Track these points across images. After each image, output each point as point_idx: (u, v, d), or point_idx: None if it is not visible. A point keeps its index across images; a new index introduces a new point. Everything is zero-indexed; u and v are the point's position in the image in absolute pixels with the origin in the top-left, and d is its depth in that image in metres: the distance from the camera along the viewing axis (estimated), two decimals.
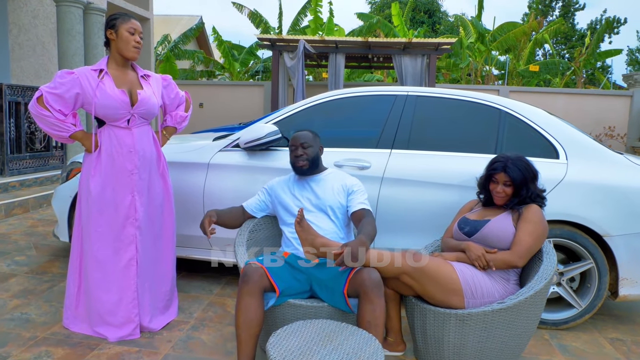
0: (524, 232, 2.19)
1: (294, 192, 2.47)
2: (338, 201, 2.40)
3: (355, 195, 2.41)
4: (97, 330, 2.45)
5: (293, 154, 2.46)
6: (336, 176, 2.50)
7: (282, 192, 2.50)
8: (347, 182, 2.46)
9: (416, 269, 2.09)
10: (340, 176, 2.51)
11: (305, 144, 2.44)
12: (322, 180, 2.47)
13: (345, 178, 2.49)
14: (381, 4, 26.42)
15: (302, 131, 2.51)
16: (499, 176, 2.32)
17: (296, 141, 2.46)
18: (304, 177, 2.48)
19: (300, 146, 2.44)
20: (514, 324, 2.06)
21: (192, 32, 15.35)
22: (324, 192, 2.42)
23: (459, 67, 13.77)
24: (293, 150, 2.46)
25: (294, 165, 2.46)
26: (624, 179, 2.71)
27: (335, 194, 2.41)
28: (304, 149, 2.44)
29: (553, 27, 13.37)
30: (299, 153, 2.43)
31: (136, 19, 2.43)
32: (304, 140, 2.44)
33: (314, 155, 2.45)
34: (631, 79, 11.43)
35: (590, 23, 25.62)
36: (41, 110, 2.25)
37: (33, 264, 3.52)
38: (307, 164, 2.43)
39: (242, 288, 2.03)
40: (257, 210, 2.57)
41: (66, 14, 6.52)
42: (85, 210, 2.40)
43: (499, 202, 2.34)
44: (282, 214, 2.45)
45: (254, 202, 2.59)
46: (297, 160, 2.44)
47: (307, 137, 2.46)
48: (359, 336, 1.84)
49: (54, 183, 6.01)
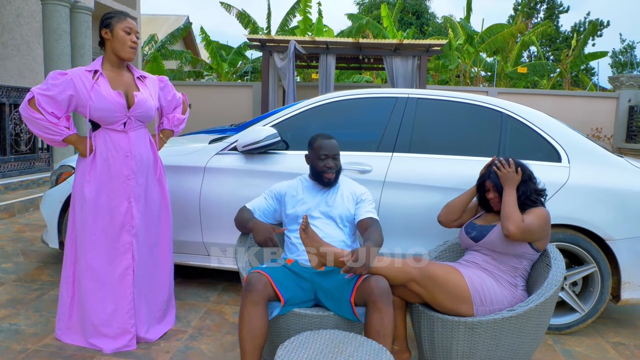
0: (532, 215, 2.15)
1: (303, 198, 2.39)
2: (347, 209, 2.34)
3: (363, 204, 2.36)
4: (92, 341, 2.35)
5: (323, 163, 2.34)
6: (345, 184, 2.45)
7: (292, 198, 2.42)
8: (356, 191, 2.41)
9: (425, 276, 2.04)
10: (350, 184, 2.46)
11: (337, 155, 2.36)
12: (331, 189, 2.42)
13: (354, 186, 2.44)
14: (369, 5, 26.46)
15: (328, 139, 2.38)
16: (488, 183, 2.31)
17: (326, 150, 2.33)
18: (315, 185, 2.42)
19: (332, 157, 2.34)
20: (523, 331, 2.02)
21: (180, 32, 15.17)
22: (334, 200, 2.36)
23: (448, 69, 13.82)
24: (323, 159, 2.34)
25: (321, 175, 2.35)
26: (626, 183, 2.70)
27: (345, 202, 2.36)
28: (335, 161, 2.35)
29: (540, 29, 13.50)
30: (330, 164, 2.33)
31: (132, 17, 2.34)
32: (335, 151, 2.35)
33: (340, 167, 2.40)
34: (617, 81, 11.60)
35: (574, 25, 26.01)
36: (33, 113, 2.15)
37: (21, 271, 3.39)
38: (334, 175, 2.36)
39: (246, 297, 1.96)
40: (267, 216, 2.46)
41: (52, 12, 6.35)
42: (79, 217, 2.30)
43: (496, 208, 2.31)
44: (290, 220, 2.38)
45: (262, 206, 2.45)
46: (328, 171, 2.33)
47: (336, 147, 2.37)
48: (368, 347, 1.78)
49: (41, 186, 5.85)
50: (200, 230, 2.98)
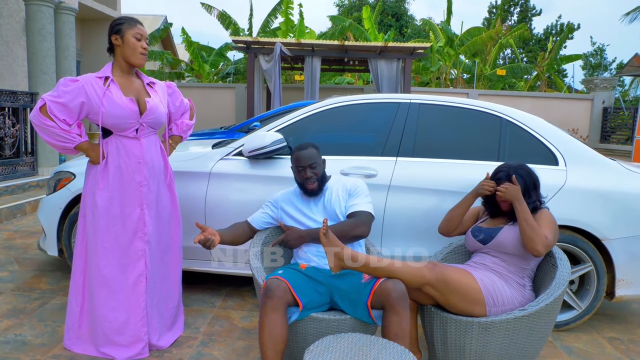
0: (545, 227, 2.21)
1: (300, 204, 2.42)
2: (342, 206, 2.37)
3: (353, 198, 2.38)
4: (104, 350, 2.33)
5: (301, 175, 2.35)
6: (337, 182, 2.47)
7: (289, 206, 2.45)
8: (347, 186, 2.43)
9: (440, 280, 2.09)
10: (341, 181, 2.47)
11: (313, 164, 2.34)
12: (326, 189, 2.44)
13: (345, 182, 2.45)
14: (349, 6, 26.62)
15: (304, 149, 2.37)
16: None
17: (301, 162, 2.34)
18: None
19: (309, 167, 2.33)
20: (534, 330, 2.10)
21: (160, 32, 14.97)
22: (329, 202, 2.39)
23: (429, 71, 14.03)
24: (300, 171, 2.35)
25: (304, 187, 2.38)
26: (620, 185, 2.82)
27: (340, 200, 2.39)
28: (313, 169, 2.34)
29: (517, 32, 13.83)
30: (308, 175, 2.33)
31: (141, 23, 2.33)
32: (311, 161, 2.33)
33: (322, 173, 2.39)
34: (591, 84, 11.99)
35: (547, 28, 26.72)
36: (45, 120, 2.12)
37: (18, 280, 3.32)
38: (317, 185, 2.36)
39: (266, 304, 1.98)
40: (265, 225, 2.51)
41: (36, 13, 6.20)
42: (90, 225, 2.28)
43: (505, 208, 2.37)
44: (295, 226, 2.40)
45: (259, 216, 2.51)
46: (307, 182, 2.34)
47: (312, 155, 2.35)
48: (391, 349, 1.82)
49: (27, 191, 5.71)
50: None
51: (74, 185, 3.12)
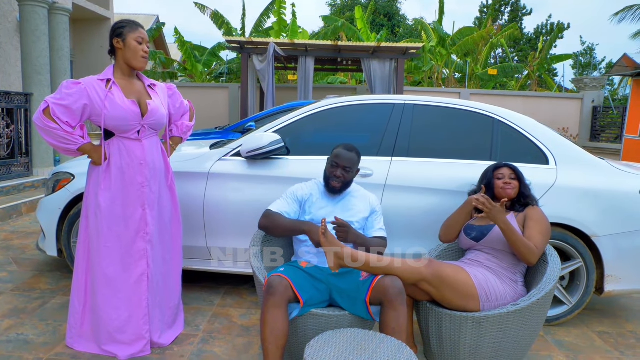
0: (536, 231, 2.30)
1: (321, 204, 2.48)
2: (362, 218, 2.45)
3: (375, 217, 2.49)
4: (106, 348, 2.37)
5: (332, 171, 2.43)
6: (360, 193, 2.55)
7: (311, 203, 2.49)
8: (371, 201, 2.52)
9: (435, 276, 2.16)
10: (364, 194, 2.56)
11: (348, 168, 2.43)
12: (348, 195, 2.51)
13: (369, 197, 2.55)
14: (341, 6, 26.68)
15: (349, 150, 2.45)
16: (504, 170, 2.49)
17: (340, 160, 2.42)
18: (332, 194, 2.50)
19: (343, 168, 2.42)
20: (526, 324, 2.17)
21: (152, 32, 14.94)
22: (349, 209, 2.46)
23: (421, 70, 14.13)
24: (333, 167, 2.43)
25: (328, 180, 2.45)
26: (609, 183, 2.91)
27: (361, 211, 2.47)
28: (345, 172, 2.43)
29: (508, 32, 13.97)
30: (338, 174, 2.42)
31: (143, 27, 2.37)
32: (348, 164, 2.42)
33: (350, 179, 2.47)
34: (581, 83, 12.14)
35: (537, 27, 26.96)
36: (48, 123, 2.15)
37: (17, 280, 3.34)
38: (340, 186, 2.44)
39: (267, 300, 2.03)
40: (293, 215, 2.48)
41: (30, 13, 6.19)
42: (93, 226, 2.32)
43: (510, 193, 2.45)
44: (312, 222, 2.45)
45: (286, 209, 2.45)
46: (333, 180, 2.43)
47: (353, 161, 2.44)
48: (389, 344, 1.89)
49: (22, 192, 5.71)
50: (204, 235, 3.02)
51: (73, 186, 3.15)
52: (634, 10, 13.86)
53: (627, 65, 8.39)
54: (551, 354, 2.60)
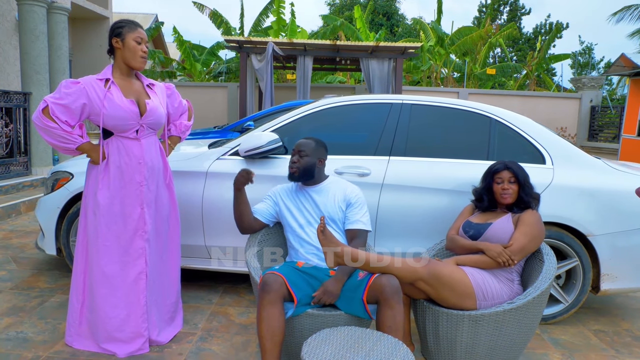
0: (520, 232, 2.33)
1: (296, 201, 2.50)
2: (338, 212, 2.44)
3: (353, 209, 2.44)
4: (105, 346, 2.39)
5: (291, 158, 2.51)
6: (337, 185, 2.53)
7: (286, 201, 2.52)
8: (347, 192, 2.49)
9: (432, 275, 2.17)
10: (342, 185, 2.53)
11: (303, 152, 2.47)
12: (322, 190, 2.51)
13: (346, 187, 2.51)
14: (340, 5, 26.69)
15: (307, 139, 2.53)
16: (503, 174, 2.47)
17: (296, 147, 2.51)
18: (303, 187, 2.52)
19: (298, 153, 2.48)
20: (522, 322, 2.19)
21: (151, 31, 14.93)
22: (324, 203, 2.46)
23: (420, 70, 14.15)
24: (292, 154, 2.51)
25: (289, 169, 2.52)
26: (605, 183, 2.92)
27: (337, 203, 2.45)
28: (300, 157, 2.47)
29: (506, 31, 14.00)
30: (294, 159, 2.48)
31: (142, 27, 2.38)
32: (302, 148, 2.48)
33: (307, 165, 2.46)
34: (579, 82, 12.17)
35: (536, 27, 26.99)
36: (47, 122, 2.16)
37: (16, 279, 3.35)
38: (297, 171, 2.47)
39: (263, 298, 2.05)
40: (268, 218, 2.56)
41: (29, 13, 6.20)
42: (91, 224, 2.33)
43: (507, 200, 2.46)
44: (288, 222, 2.48)
45: (264, 210, 2.56)
46: (290, 165, 2.49)
47: (307, 145, 2.49)
48: (385, 342, 1.90)
49: (20, 191, 5.71)
50: (203, 234, 3.04)
51: (72, 185, 3.16)
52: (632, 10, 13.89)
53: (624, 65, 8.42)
54: (547, 352, 2.62)
